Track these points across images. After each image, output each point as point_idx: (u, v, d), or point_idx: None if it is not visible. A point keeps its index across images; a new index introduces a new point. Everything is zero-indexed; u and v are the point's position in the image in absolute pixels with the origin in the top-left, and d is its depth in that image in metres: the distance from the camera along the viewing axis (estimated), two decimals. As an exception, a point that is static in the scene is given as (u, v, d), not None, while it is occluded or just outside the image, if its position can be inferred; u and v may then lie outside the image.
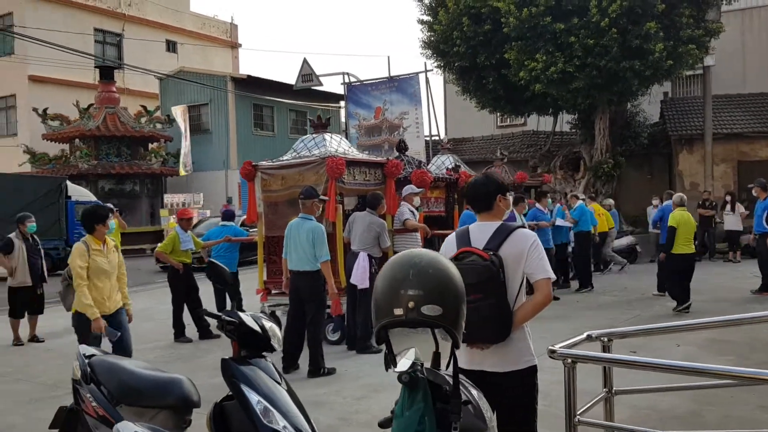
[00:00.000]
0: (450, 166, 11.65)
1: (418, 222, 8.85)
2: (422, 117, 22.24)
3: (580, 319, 9.30)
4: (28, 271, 8.94)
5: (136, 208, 26.94)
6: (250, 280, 10.11)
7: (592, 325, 8.27)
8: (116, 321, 5.54)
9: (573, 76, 16.06)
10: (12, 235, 9.05)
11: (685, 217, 9.70)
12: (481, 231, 3.23)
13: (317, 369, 6.56)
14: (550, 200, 11.78)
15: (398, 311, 1.92)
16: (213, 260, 4.16)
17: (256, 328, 3.41)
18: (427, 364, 2.05)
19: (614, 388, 3.39)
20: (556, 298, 11.01)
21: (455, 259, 3.09)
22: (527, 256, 3.11)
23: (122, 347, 5.49)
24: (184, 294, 8.70)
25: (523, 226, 3.40)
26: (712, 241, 16.87)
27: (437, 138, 21.84)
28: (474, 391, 2.13)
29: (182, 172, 26.47)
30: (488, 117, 25.27)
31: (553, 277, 3.15)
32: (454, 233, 3.39)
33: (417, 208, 9.13)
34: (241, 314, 3.42)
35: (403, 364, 2.04)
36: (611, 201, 17.26)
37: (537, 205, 11.50)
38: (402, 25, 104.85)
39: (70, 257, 5.36)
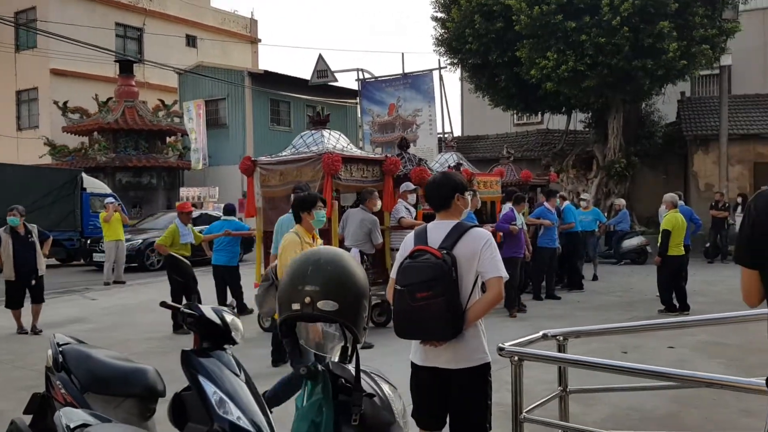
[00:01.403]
0: (452, 164, 11.66)
1: (417, 219, 8.89)
2: (435, 114, 22.25)
3: (574, 318, 9.30)
4: (13, 266, 8.79)
5: (153, 201, 27.29)
6: (251, 274, 10.23)
7: (583, 325, 8.30)
8: None
9: (584, 75, 15.98)
10: (0, 230, 8.98)
11: (678, 220, 9.66)
12: (437, 230, 3.28)
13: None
14: (558, 200, 11.61)
15: (296, 306, 1.98)
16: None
17: (217, 320, 3.47)
18: (335, 359, 2.11)
19: (569, 387, 3.41)
20: (557, 298, 11.03)
21: (410, 257, 3.15)
22: (480, 255, 3.15)
23: None
24: (182, 287, 8.82)
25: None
26: (725, 243, 16.67)
27: (449, 135, 21.85)
28: (384, 385, 2.19)
29: (196, 167, 26.76)
30: (505, 115, 25.22)
31: (506, 276, 3.19)
32: (412, 232, 3.44)
33: (415, 205, 9.19)
34: (201, 307, 3.49)
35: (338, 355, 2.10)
36: (623, 201, 17.16)
37: (545, 203, 11.41)
38: (416, 22, 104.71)
39: (281, 251, 4.56)
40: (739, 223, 16.14)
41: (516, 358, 3.00)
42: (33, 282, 9.02)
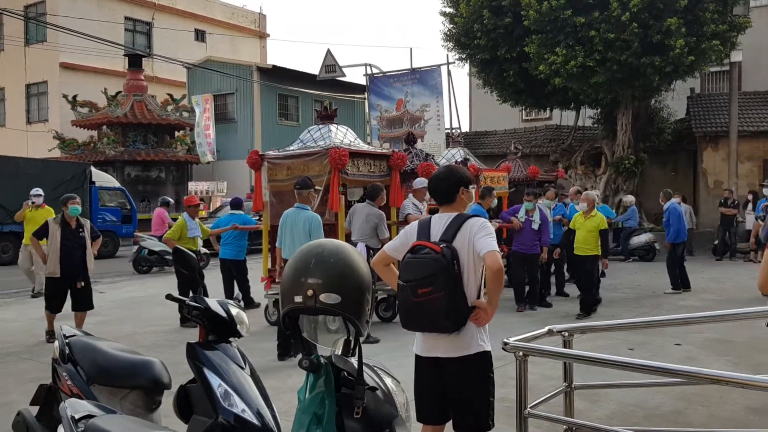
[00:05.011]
0: (459, 160, 11.64)
1: (425, 214, 8.89)
2: (443, 109, 22.23)
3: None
4: (59, 260, 7.73)
5: (162, 194, 27.34)
6: (258, 269, 10.26)
7: (590, 322, 8.29)
8: None
9: (593, 71, 15.91)
10: (50, 219, 8.04)
11: None
12: (440, 221, 3.30)
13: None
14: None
15: (298, 298, 1.98)
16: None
17: (222, 314, 3.48)
18: (338, 352, 2.12)
19: (574, 383, 3.40)
20: (565, 294, 10.98)
21: (411, 251, 3.16)
22: (475, 239, 3.16)
23: None
24: (189, 280, 8.83)
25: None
26: (734, 241, 16.58)
27: (457, 131, 21.81)
28: (387, 379, 2.20)
29: (203, 160, 26.86)
30: (513, 110, 25.10)
31: (497, 249, 3.16)
32: (417, 221, 3.45)
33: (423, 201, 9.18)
34: (207, 300, 3.50)
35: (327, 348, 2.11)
36: (632, 198, 17.10)
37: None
38: (425, 17, 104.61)
39: None
40: (748, 220, 16.07)
41: (521, 353, 3.00)
42: (80, 284, 7.88)
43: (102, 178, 20.24)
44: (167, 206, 13.60)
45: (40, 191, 11.77)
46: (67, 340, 3.92)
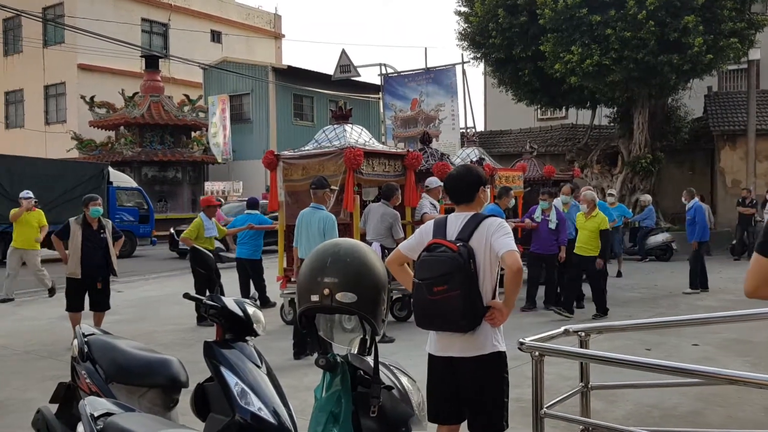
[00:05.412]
0: (474, 159, 11.62)
1: (440, 214, 8.89)
2: (458, 109, 22.19)
3: (598, 315, 9.22)
4: (80, 261, 7.65)
5: (178, 194, 27.64)
6: (274, 268, 10.30)
7: (606, 322, 8.25)
8: None
9: (609, 69, 15.82)
10: (72, 219, 7.90)
11: None
12: (457, 220, 3.30)
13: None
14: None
15: (314, 297, 2.00)
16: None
17: (239, 312, 3.50)
18: (354, 350, 2.13)
19: (590, 383, 3.39)
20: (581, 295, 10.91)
21: (427, 249, 3.16)
22: (491, 239, 3.16)
23: None
24: (206, 279, 8.86)
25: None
26: (752, 240, 16.41)
27: (472, 130, 21.78)
28: (403, 378, 2.21)
29: (219, 159, 27.06)
30: (528, 110, 24.99)
31: (516, 249, 3.15)
32: (433, 220, 3.45)
33: (439, 200, 9.18)
34: (223, 299, 3.52)
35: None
36: (649, 197, 16.98)
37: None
38: (440, 17, 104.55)
39: None
40: (767, 219, 15.91)
41: (537, 353, 2.99)
42: (99, 285, 7.86)
43: (119, 179, 20.42)
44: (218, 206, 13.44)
45: (30, 193, 11.60)
46: (85, 339, 3.96)
